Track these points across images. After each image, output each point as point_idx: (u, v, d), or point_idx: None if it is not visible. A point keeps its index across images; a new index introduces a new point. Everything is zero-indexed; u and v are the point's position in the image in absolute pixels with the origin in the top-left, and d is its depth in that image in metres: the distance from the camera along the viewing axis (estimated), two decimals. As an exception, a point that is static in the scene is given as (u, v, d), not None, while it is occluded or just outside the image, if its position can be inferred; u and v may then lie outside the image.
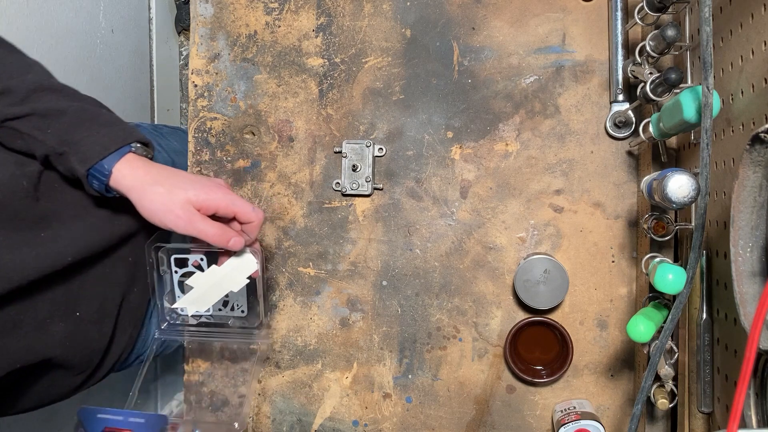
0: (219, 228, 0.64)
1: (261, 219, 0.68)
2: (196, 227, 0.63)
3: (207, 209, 0.64)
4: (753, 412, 0.51)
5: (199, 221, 0.63)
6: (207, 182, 0.66)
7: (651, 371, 0.54)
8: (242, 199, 0.67)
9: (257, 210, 0.67)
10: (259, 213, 0.68)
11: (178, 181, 0.64)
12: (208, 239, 0.63)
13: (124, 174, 0.62)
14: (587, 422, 0.71)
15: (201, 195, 0.63)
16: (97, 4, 1.27)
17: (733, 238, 0.47)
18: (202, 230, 0.63)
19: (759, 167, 0.46)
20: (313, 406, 0.83)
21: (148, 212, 0.63)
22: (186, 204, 0.62)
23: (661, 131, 0.63)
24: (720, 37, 0.61)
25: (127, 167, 0.63)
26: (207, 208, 0.64)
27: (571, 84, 0.78)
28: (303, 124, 0.83)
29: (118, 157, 0.63)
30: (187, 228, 0.62)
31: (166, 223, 0.62)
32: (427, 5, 0.81)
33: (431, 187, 0.81)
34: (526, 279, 0.74)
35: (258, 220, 0.67)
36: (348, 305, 0.82)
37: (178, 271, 0.74)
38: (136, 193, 0.63)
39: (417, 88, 0.81)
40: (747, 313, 0.46)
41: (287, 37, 0.83)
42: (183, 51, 1.81)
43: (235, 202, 0.65)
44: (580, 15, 0.78)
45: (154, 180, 0.63)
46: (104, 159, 0.62)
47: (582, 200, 0.78)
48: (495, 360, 0.80)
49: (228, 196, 0.65)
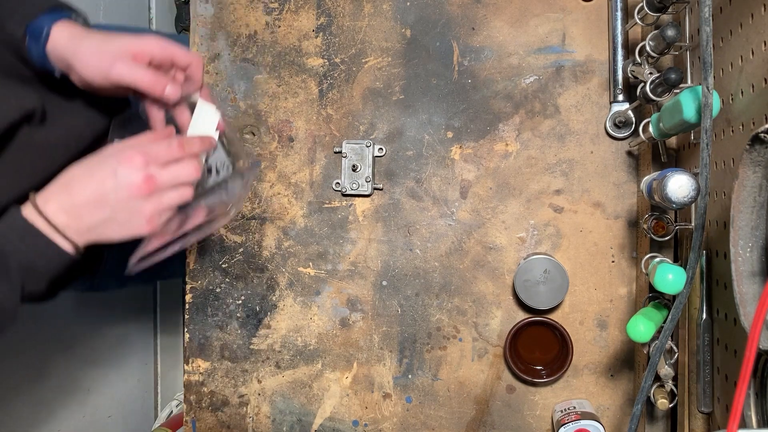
0: (153, 74, 0.61)
1: (200, 59, 0.65)
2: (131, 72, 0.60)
3: (142, 55, 0.61)
4: (753, 412, 0.51)
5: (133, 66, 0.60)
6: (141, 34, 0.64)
7: (651, 371, 0.54)
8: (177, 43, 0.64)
9: (194, 52, 0.65)
10: (197, 54, 0.65)
11: (111, 35, 0.62)
12: (143, 85, 0.60)
13: (61, 35, 0.60)
14: (587, 422, 0.71)
15: (134, 40, 0.61)
16: (97, 4, 1.26)
17: (733, 238, 0.47)
18: (136, 76, 0.60)
19: (759, 167, 0.46)
20: (313, 406, 0.83)
21: (83, 65, 0.60)
22: (120, 51, 0.60)
23: (661, 131, 0.63)
24: (720, 37, 0.61)
25: (65, 29, 0.61)
26: (142, 54, 0.61)
27: (571, 84, 0.78)
28: (303, 124, 0.83)
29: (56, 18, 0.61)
30: (121, 74, 0.60)
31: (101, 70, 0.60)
32: (427, 5, 0.81)
33: (431, 187, 0.81)
34: (526, 279, 0.74)
35: (197, 60, 0.65)
36: (348, 305, 0.82)
37: None
38: (71, 50, 0.60)
39: (417, 88, 0.81)
40: (747, 313, 0.46)
41: (287, 37, 0.83)
42: (183, 51, 1.81)
43: (170, 45, 0.63)
44: (580, 15, 0.78)
45: (90, 35, 0.61)
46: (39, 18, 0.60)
47: (582, 200, 0.78)
48: (495, 360, 0.80)
49: (161, 40, 0.62)
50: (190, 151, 0.63)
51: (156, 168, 0.59)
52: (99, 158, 0.59)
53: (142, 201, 0.58)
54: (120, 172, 0.57)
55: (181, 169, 0.61)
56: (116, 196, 0.57)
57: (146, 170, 0.58)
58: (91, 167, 0.59)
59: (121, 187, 0.57)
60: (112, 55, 0.60)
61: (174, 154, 0.61)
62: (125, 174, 0.57)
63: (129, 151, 0.59)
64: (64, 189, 0.58)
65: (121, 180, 0.57)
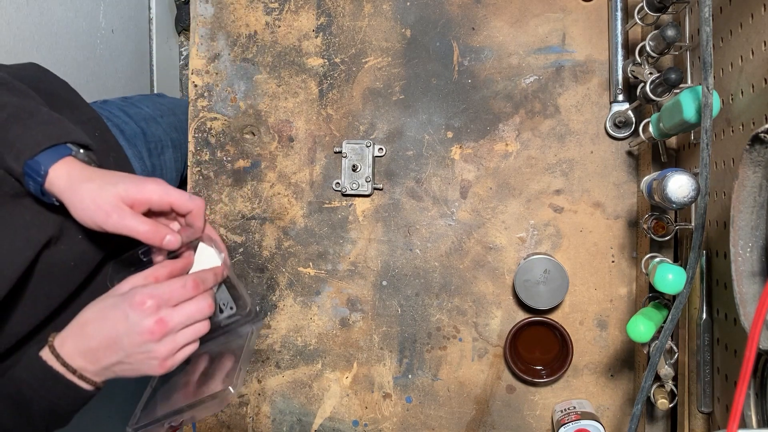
0: (151, 224, 0.59)
1: (201, 206, 0.63)
2: (127, 224, 0.58)
3: (140, 203, 0.59)
4: (753, 412, 0.51)
5: (129, 217, 0.58)
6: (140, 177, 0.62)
7: (651, 371, 0.54)
8: (177, 189, 0.62)
9: (195, 198, 0.63)
10: (198, 200, 0.63)
11: (110, 178, 0.59)
12: (140, 237, 0.59)
13: (59, 175, 0.58)
14: (587, 422, 0.71)
15: (131, 188, 0.59)
16: (97, 4, 1.27)
17: (733, 238, 0.47)
18: (133, 228, 0.58)
19: (759, 167, 0.46)
20: (313, 406, 0.83)
21: (80, 212, 0.58)
22: (115, 199, 0.58)
23: (661, 131, 0.63)
24: (720, 37, 0.61)
25: (64, 169, 0.59)
26: (140, 203, 0.59)
27: (571, 84, 0.78)
28: (303, 124, 0.83)
29: (55, 158, 0.58)
30: (117, 226, 0.58)
31: (96, 221, 0.58)
32: (427, 5, 0.81)
33: (431, 187, 0.81)
34: (526, 279, 0.74)
35: (197, 208, 0.63)
36: (348, 305, 0.82)
37: None
38: (68, 193, 0.58)
39: (417, 88, 0.81)
40: (747, 313, 0.46)
41: (287, 37, 0.83)
42: (183, 51, 1.81)
43: (169, 192, 0.61)
44: (580, 15, 0.78)
45: (87, 178, 0.59)
46: (38, 156, 0.58)
47: (582, 200, 0.78)
48: (495, 360, 0.80)
49: (160, 187, 0.60)
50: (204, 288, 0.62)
51: (168, 310, 0.59)
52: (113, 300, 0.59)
53: (156, 344, 0.58)
54: (131, 317, 0.57)
55: (194, 308, 0.60)
56: (129, 340, 0.57)
57: (157, 314, 0.58)
58: (104, 310, 0.59)
59: (134, 333, 0.58)
60: (108, 205, 0.58)
61: (188, 294, 0.60)
62: (137, 319, 0.57)
63: (140, 295, 0.58)
64: (79, 332, 0.58)
65: (133, 325, 0.57)
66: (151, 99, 0.97)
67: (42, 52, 1.11)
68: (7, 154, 0.58)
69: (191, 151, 0.85)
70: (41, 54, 1.10)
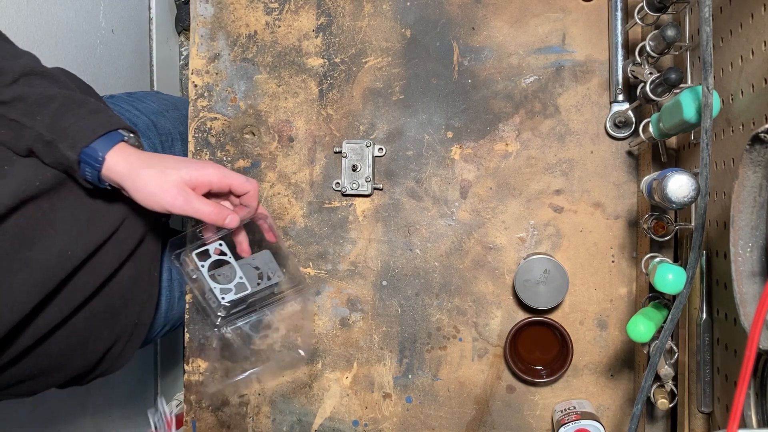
0: (215, 206, 0.64)
1: (256, 187, 0.68)
2: (193, 206, 0.62)
3: (201, 186, 0.64)
4: (753, 412, 0.51)
5: (195, 200, 0.62)
6: (197, 160, 0.66)
7: (651, 371, 0.54)
8: (234, 172, 0.67)
9: (251, 180, 0.67)
10: (253, 182, 0.68)
11: (169, 162, 0.63)
12: (204, 218, 0.63)
13: (117, 161, 0.61)
14: (587, 422, 0.71)
15: (193, 173, 0.63)
16: (97, 4, 1.27)
17: (733, 238, 0.47)
18: (198, 209, 0.62)
19: (759, 167, 0.46)
20: (313, 406, 0.83)
21: (144, 196, 0.62)
22: (180, 183, 0.62)
23: (661, 131, 0.63)
24: (720, 37, 0.61)
25: (120, 154, 0.61)
26: (201, 185, 0.64)
27: (571, 84, 0.78)
28: (303, 124, 0.83)
29: (110, 144, 0.61)
30: (184, 207, 0.62)
31: (163, 205, 0.61)
32: (427, 5, 0.81)
33: (431, 187, 0.81)
34: (526, 279, 0.74)
35: (253, 189, 0.68)
36: (348, 305, 0.82)
37: (204, 265, 0.75)
38: (129, 178, 0.61)
39: (417, 88, 0.81)
40: (747, 313, 0.46)
41: (287, 37, 0.83)
42: (183, 51, 1.81)
43: (228, 175, 0.65)
44: (580, 15, 0.78)
45: (147, 163, 0.62)
46: (94, 143, 0.60)
47: (582, 200, 0.78)
48: (495, 360, 0.80)
49: (219, 170, 0.65)
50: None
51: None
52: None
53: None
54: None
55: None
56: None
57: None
58: None
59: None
60: (174, 189, 0.62)
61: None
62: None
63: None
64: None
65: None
66: (155, 95, 1.00)
67: (42, 52, 1.10)
68: (61, 142, 0.60)
69: (191, 151, 0.85)
70: (41, 54, 1.10)
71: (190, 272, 0.75)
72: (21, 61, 0.62)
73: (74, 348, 0.71)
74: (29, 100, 0.60)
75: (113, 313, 0.74)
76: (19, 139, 0.61)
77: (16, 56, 0.63)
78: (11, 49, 0.64)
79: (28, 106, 0.60)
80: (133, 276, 0.75)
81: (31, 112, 0.60)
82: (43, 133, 0.60)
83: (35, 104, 0.60)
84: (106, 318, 0.73)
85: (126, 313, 0.77)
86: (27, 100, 0.60)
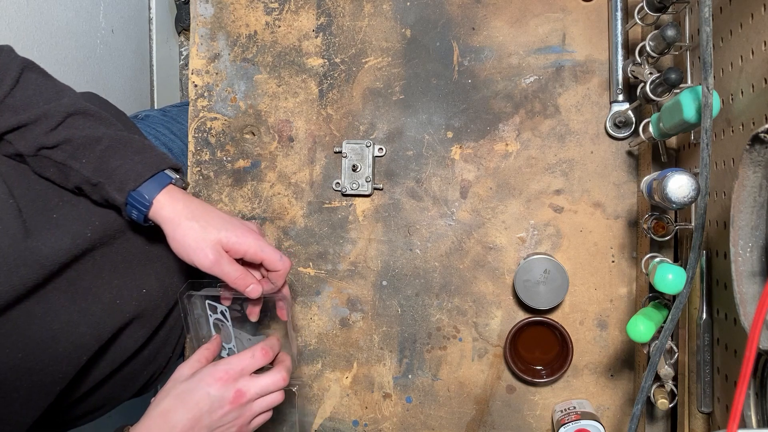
0: (242, 272, 0.64)
1: (287, 268, 0.67)
2: (222, 268, 0.63)
3: (236, 252, 0.64)
4: (753, 412, 0.51)
5: (225, 263, 0.63)
6: (240, 225, 0.66)
7: (651, 371, 0.54)
8: (271, 246, 0.66)
9: (284, 259, 0.66)
10: (286, 262, 0.67)
11: (212, 220, 0.64)
12: (228, 281, 0.64)
13: (163, 205, 0.62)
14: (587, 422, 0.71)
15: (232, 237, 0.63)
16: (97, 4, 1.27)
17: (733, 238, 0.47)
18: (225, 272, 0.63)
19: (759, 167, 0.46)
20: (313, 406, 0.83)
21: (179, 246, 0.63)
22: (216, 244, 0.62)
23: (661, 131, 0.63)
24: (720, 37, 0.61)
25: (167, 198, 0.63)
26: (236, 252, 0.64)
27: (571, 84, 0.78)
28: (303, 124, 0.83)
29: (158, 188, 0.62)
30: (212, 268, 0.63)
31: (193, 260, 0.62)
32: (427, 5, 0.81)
33: (431, 187, 0.81)
34: (526, 279, 0.74)
35: (284, 269, 0.67)
36: (348, 305, 0.82)
37: (212, 316, 0.74)
38: (171, 225, 0.63)
39: (417, 88, 0.81)
40: (747, 313, 0.46)
41: (287, 37, 0.83)
42: (183, 51, 1.81)
43: (264, 249, 0.65)
44: (580, 15, 0.78)
45: (191, 215, 0.63)
46: (141, 186, 0.62)
47: (582, 200, 0.78)
48: (495, 360, 0.80)
49: (258, 242, 0.65)
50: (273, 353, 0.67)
51: (245, 380, 0.64)
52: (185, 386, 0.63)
53: (235, 412, 0.63)
54: (212, 392, 0.62)
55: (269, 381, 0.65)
56: (211, 417, 0.61)
57: (236, 385, 0.63)
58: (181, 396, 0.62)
59: (216, 407, 0.62)
60: (209, 248, 0.62)
61: (258, 363, 0.65)
62: (218, 393, 0.62)
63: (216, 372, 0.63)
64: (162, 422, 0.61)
65: (215, 399, 0.62)
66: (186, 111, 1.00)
67: (42, 52, 1.10)
68: (109, 185, 0.61)
69: (191, 151, 0.85)
70: (41, 54, 1.10)
71: (196, 315, 0.74)
72: (64, 102, 0.63)
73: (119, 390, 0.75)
74: (75, 143, 0.61)
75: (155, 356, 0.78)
76: (67, 180, 0.63)
77: (58, 95, 0.63)
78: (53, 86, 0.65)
79: (75, 149, 0.61)
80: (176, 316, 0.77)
81: (77, 154, 0.61)
82: (89, 177, 0.61)
83: (81, 147, 0.61)
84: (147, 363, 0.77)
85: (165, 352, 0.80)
86: (73, 143, 0.61)
